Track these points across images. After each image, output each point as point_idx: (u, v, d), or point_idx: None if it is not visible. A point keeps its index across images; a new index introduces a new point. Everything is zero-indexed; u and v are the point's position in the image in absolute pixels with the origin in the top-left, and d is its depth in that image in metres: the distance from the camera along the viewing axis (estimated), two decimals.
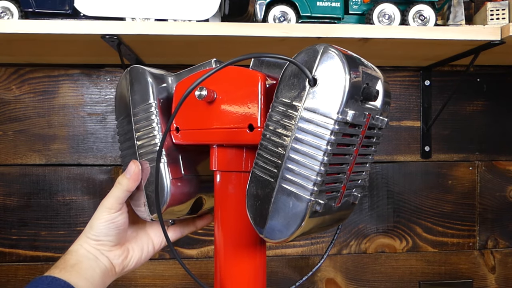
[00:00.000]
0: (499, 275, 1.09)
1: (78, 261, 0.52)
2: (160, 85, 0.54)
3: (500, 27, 0.75)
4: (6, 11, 0.73)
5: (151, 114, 0.53)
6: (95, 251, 0.54)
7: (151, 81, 0.53)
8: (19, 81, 0.98)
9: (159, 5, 0.72)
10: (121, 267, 0.57)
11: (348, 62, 0.39)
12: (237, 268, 0.51)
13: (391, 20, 0.78)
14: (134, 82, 0.54)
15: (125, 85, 0.55)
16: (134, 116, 0.54)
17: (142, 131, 0.53)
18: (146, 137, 0.53)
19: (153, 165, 0.52)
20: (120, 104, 0.57)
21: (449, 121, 1.06)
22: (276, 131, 0.41)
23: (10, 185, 0.98)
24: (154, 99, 0.53)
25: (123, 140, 0.57)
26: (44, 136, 0.98)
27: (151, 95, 0.53)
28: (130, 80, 0.55)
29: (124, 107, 0.56)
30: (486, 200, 1.07)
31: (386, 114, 0.45)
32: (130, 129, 0.55)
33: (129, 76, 0.55)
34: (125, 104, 0.55)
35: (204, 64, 0.54)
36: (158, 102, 0.53)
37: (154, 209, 0.53)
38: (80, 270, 0.51)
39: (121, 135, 0.57)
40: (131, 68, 0.55)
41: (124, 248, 0.57)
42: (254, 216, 0.43)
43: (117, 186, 0.54)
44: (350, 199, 0.46)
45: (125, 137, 0.56)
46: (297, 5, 0.76)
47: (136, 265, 0.59)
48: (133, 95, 0.54)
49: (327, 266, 1.05)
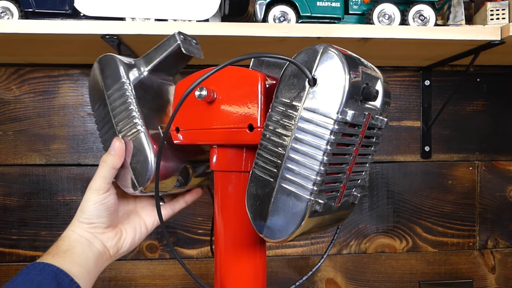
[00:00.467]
0: (499, 275, 1.09)
1: (70, 247, 0.52)
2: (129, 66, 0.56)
3: (500, 27, 0.75)
4: (6, 11, 0.73)
5: (125, 91, 0.54)
6: (88, 234, 0.54)
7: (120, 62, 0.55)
8: (19, 81, 0.98)
9: (159, 5, 0.72)
10: (115, 250, 0.56)
11: (347, 62, 0.39)
12: (237, 268, 0.51)
13: (391, 20, 0.78)
14: (104, 68, 0.56)
15: (97, 74, 0.57)
16: (109, 97, 0.55)
17: (118, 108, 0.54)
18: (123, 114, 0.54)
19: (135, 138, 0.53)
20: (94, 93, 0.58)
21: (449, 121, 1.06)
22: (276, 131, 0.41)
23: (10, 185, 0.98)
24: (126, 77, 0.54)
25: (102, 126, 0.57)
26: (44, 136, 0.98)
27: (122, 74, 0.54)
28: (101, 67, 0.56)
29: (98, 94, 0.57)
30: (486, 200, 1.07)
31: (385, 114, 0.45)
32: (107, 112, 0.55)
33: (99, 64, 0.56)
34: (98, 91, 0.56)
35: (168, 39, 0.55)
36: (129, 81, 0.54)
37: (141, 180, 0.53)
38: (73, 255, 0.51)
39: (99, 122, 0.58)
40: (100, 57, 0.56)
41: (117, 230, 0.57)
42: (254, 215, 0.43)
43: (102, 165, 0.53)
44: (349, 199, 0.46)
45: (102, 122, 0.57)
46: (297, 5, 0.76)
47: (130, 247, 0.58)
48: (105, 79, 0.56)
49: (327, 266, 1.05)
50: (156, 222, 0.61)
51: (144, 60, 0.57)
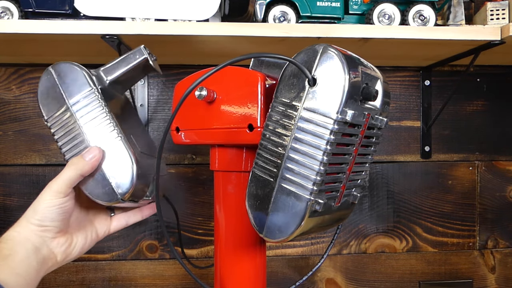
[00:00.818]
0: (499, 275, 1.08)
1: (12, 252, 0.47)
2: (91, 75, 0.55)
3: (500, 27, 0.75)
4: (6, 11, 0.73)
5: (94, 99, 0.53)
6: (36, 238, 0.50)
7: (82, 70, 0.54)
8: (19, 81, 0.98)
9: (159, 5, 0.72)
10: (64, 256, 0.53)
11: (347, 62, 0.39)
12: (237, 268, 0.51)
13: (391, 20, 0.78)
14: (63, 75, 0.54)
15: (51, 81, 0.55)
16: (74, 106, 0.53)
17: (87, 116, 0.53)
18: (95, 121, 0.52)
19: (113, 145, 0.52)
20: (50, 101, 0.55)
21: (449, 121, 1.06)
22: (276, 131, 0.41)
23: (10, 185, 0.98)
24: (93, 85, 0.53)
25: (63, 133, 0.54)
26: (44, 136, 0.98)
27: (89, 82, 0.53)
28: (58, 74, 0.55)
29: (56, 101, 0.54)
30: (486, 200, 1.07)
31: (385, 114, 0.45)
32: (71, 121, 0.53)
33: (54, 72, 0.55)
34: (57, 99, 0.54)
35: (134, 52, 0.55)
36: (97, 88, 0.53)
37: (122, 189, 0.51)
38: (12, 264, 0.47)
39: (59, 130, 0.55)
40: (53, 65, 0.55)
41: (68, 236, 0.53)
42: (254, 215, 0.43)
43: (70, 167, 0.50)
44: (349, 198, 0.46)
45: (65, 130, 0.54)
46: (297, 5, 0.76)
47: (79, 253, 0.55)
48: (65, 87, 0.54)
49: (327, 266, 1.05)
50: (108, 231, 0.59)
51: (105, 72, 0.57)
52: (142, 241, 1.00)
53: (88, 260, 0.99)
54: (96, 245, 0.98)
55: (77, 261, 0.98)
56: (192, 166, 1.01)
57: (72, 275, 0.98)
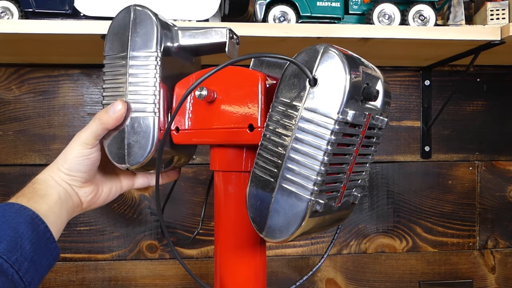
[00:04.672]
0: (499, 275, 1.09)
1: (47, 193, 0.50)
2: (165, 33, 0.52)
3: (500, 27, 0.75)
4: (6, 11, 0.73)
5: (152, 64, 0.50)
6: (66, 185, 0.52)
7: (158, 26, 0.51)
8: (19, 81, 0.98)
9: (159, 5, 0.72)
10: (88, 204, 0.55)
11: (348, 62, 0.39)
12: (237, 268, 0.51)
13: (391, 20, 0.78)
14: (138, 22, 0.51)
15: (126, 22, 0.52)
16: (132, 59, 0.51)
17: (138, 77, 0.51)
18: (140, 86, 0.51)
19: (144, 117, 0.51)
20: (114, 39, 0.53)
21: (449, 121, 1.06)
22: (276, 131, 0.41)
23: (10, 185, 0.98)
24: (159, 48, 0.50)
25: (111, 80, 0.53)
26: (44, 136, 0.98)
27: (156, 43, 0.50)
28: (133, 19, 0.51)
29: (119, 44, 0.52)
30: (486, 200, 1.07)
31: (386, 114, 0.45)
32: (124, 72, 0.51)
33: (132, 14, 0.51)
34: (121, 42, 0.52)
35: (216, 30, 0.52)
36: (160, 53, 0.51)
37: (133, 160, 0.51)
38: (49, 202, 0.49)
39: (109, 74, 0.53)
40: (135, 6, 0.52)
41: (94, 187, 0.55)
42: (254, 216, 0.43)
43: (95, 121, 0.51)
44: (350, 199, 0.46)
45: (114, 78, 0.53)
46: (297, 5, 0.76)
47: (103, 203, 0.57)
48: (134, 36, 0.51)
49: (327, 266, 1.05)
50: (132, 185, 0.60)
51: (182, 34, 0.53)
52: (142, 241, 1.00)
53: (88, 260, 0.99)
54: (96, 245, 0.98)
55: (77, 261, 0.98)
56: (192, 166, 1.01)
57: (72, 275, 0.98)
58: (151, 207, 0.99)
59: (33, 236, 0.45)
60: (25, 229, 0.45)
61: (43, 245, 0.47)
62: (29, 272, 0.44)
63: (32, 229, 0.46)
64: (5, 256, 0.43)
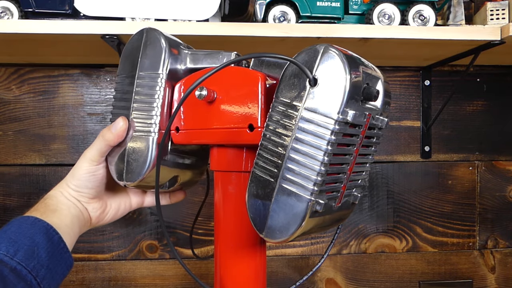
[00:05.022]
0: (499, 275, 1.09)
1: (58, 208, 0.53)
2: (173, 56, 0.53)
3: (500, 27, 0.75)
4: (6, 11, 0.73)
5: (156, 85, 0.52)
6: (75, 200, 0.55)
7: (166, 50, 0.52)
8: (19, 81, 0.98)
9: (159, 5, 0.72)
10: (97, 220, 0.57)
11: (348, 62, 0.39)
12: (237, 268, 0.51)
13: (391, 20, 0.78)
14: (148, 45, 0.53)
15: (138, 44, 0.54)
16: (139, 79, 0.53)
17: (142, 97, 0.52)
18: (144, 104, 0.52)
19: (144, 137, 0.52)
20: (127, 60, 0.55)
21: (449, 121, 1.06)
22: (276, 131, 0.41)
23: (10, 185, 0.98)
24: (164, 70, 0.52)
25: (119, 97, 0.55)
26: (44, 136, 0.98)
27: (162, 65, 0.52)
28: (145, 41, 0.53)
29: (130, 65, 0.54)
30: (486, 200, 1.07)
31: (386, 114, 0.45)
32: (130, 91, 0.53)
33: (144, 36, 0.53)
34: (132, 63, 0.54)
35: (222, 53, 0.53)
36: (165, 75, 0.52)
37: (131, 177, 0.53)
38: (60, 216, 0.52)
39: (118, 91, 0.56)
40: (148, 29, 0.54)
41: (102, 202, 0.57)
42: (254, 216, 0.43)
43: (99, 138, 0.53)
44: (350, 199, 0.46)
45: (122, 95, 0.55)
46: (297, 5, 0.76)
47: (111, 219, 0.59)
48: (143, 57, 0.53)
49: (327, 266, 1.05)
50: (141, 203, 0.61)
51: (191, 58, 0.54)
52: (142, 241, 1.00)
53: (88, 260, 0.99)
54: (96, 245, 0.98)
55: (77, 261, 0.98)
56: None
57: (72, 275, 0.98)
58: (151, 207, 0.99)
59: (48, 245, 0.48)
60: (41, 239, 0.48)
61: (58, 254, 0.49)
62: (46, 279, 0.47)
63: (47, 239, 0.48)
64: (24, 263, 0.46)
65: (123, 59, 0.56)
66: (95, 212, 0.57)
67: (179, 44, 0.55)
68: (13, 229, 0.48)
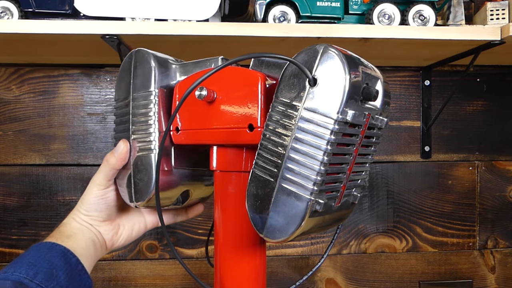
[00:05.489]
0: (499, 275, 1.09)
1: (72, 233, 0.54)
2: (163, 72, 0.53)
3: (500, 27, 0.75)
4: (6, 11, 0.73)
5: (149, 102, 0.52)
6: (87, 224, 0.56)
7: (155, 67, 0.53)
8: (19, 81, 0.98)
9: (159, 5, 0.72)
10: (111, 243, 0.58)
11: (348, 62, 0.39)
12: (237, 268, 0.51)
13: (391, 20, 0.78)
14: (137, 65, 0.54)
15: (128, 67, 0.55)
16: (133, 100, 0.54)
17: (138, 117, 0.53)
18: (142, 124, 0.53)
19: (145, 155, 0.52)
20: (121, 85, 0.56)
21: (449, 121, 1.06)
22: (276, 131, 0.41)
23: (10, 185, 0.98)
24: (155, 87, 0.52)
25: (119, 122, 0.56)
26: (44, 136, 0.98)
27: (153, 82, 0.52)
28: (134, 63, 0.54)
29: (125, 89, 0.55)
30: (486, 200, 1.07)
31: (385, 114, 0.45)
32: (127, 113, 0.54)
33: (133, 58, 0.54)
34: (126, 87, 0.55)
35: (210, 60, 0.53)
36: (158, 91, 0.52)
37: (139, 197, 0.53)
38: (75, 240, 0.53)
39: (118, 116, 0.57)
40: (136, 51, 0.54)
41: (115, 224, 0.58)
42: (254, 215, 0.43)
43: (104, 163, 0.54)
44: (350, 199, 0.46)
45: (121, 119, 0.56)
46: (297, 5, 0.76)
47: (126, 241, 0.60)
48: (134, 79, 0.54)
49: (327, 266, 1.05)
50: (157, 223, 0.62)
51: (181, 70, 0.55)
52: (142, 241, 1.00)
53: None
54: None
55: None
56: None
57: None
58: None
59: (67, 267, 0.50)
60: (59, 262, 0.49)
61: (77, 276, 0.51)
62: None
63: (65, 261, 0.50)
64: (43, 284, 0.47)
65: (118, 85, 0.57)
66: (108, 234, 0.57)
67: (167, 59, 0.55)
68: (31, 254, 0.50)
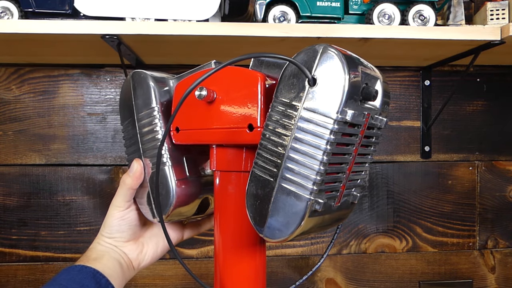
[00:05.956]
0: (499, 275, 1.09)
1: (99, 256, 0.55)
2: (162, 89, 0.55)
3: (500, 27, 0.75)
4: (6, 11, 0.73)
5: (154, 118, 0.54)
6: (112, 246, 0.57)
7: (153, 85, 0.54)
8: (19, 81, 0.98)
9: (159, 5, 0.72)
10: (137, 262, 0.59)
11: (347, 62, 0.39)
12: (237, 268, 0.51)
13: (391, 20, 0.78)
14: (136, 87, 0.55)
15: (128, 90, 0.56)
16: (138, 120, 0.55)
17: (146, 135, 0.55)
18: (150, 140, 0.54)
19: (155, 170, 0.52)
20: (124, 108, 0.58)
21: (449, 121, 1.06)
22: (276, 130, 0.41)
23: (10, 185, 0.98)
24: (157, 103, 0.54)
25: (129, 144, 0.58)
26: (44, 136, 0.98)
27: (154, 99, 0.54)
28: (133, 85, 0.56)
29: (128, 111, 0.57)
30: (486, 200, 1.07)
31: (385, 114, 0.45)
32: (135, 133, 0.56)
33: (131, 81, 0.56)
34: (129, 109, 0.56)
35: (203, 66, 0.54)
36: (160, 106, 0.54)
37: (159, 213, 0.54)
38: (102, 261, 0.54)
39: (126, 139, 0.58)
40: (133, 73, 0.56)
41: (139, 243, 0.59)
42: (254, 215, 0.43)
43: (121, 184, 0.55)
44: (349, 198, 0.46)
45: (130, 141, 0.57)
46: (297, 5, 0.76)
47: (152, 259, 0.60)
48: (136, 99, 0.55)
49: (327, 266, 1.05)
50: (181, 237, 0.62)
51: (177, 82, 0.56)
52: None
53: None
54: None
55: None
56: None
57: None
58: None
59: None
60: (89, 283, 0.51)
61: None
62: None
63: (95, 282, 0.51)
64: None
65: (121, 108, 0.58)
66: (133, 254, 0.58)
67: (163, 76, 0.56)
68: (62, 277, 0.51)
